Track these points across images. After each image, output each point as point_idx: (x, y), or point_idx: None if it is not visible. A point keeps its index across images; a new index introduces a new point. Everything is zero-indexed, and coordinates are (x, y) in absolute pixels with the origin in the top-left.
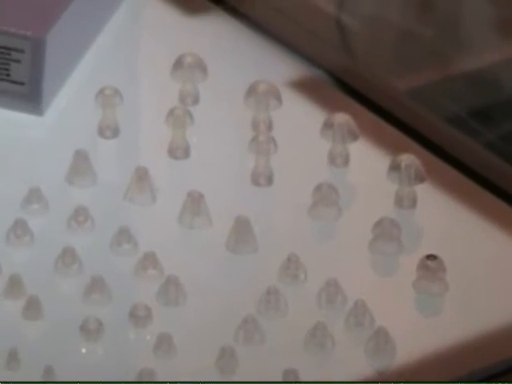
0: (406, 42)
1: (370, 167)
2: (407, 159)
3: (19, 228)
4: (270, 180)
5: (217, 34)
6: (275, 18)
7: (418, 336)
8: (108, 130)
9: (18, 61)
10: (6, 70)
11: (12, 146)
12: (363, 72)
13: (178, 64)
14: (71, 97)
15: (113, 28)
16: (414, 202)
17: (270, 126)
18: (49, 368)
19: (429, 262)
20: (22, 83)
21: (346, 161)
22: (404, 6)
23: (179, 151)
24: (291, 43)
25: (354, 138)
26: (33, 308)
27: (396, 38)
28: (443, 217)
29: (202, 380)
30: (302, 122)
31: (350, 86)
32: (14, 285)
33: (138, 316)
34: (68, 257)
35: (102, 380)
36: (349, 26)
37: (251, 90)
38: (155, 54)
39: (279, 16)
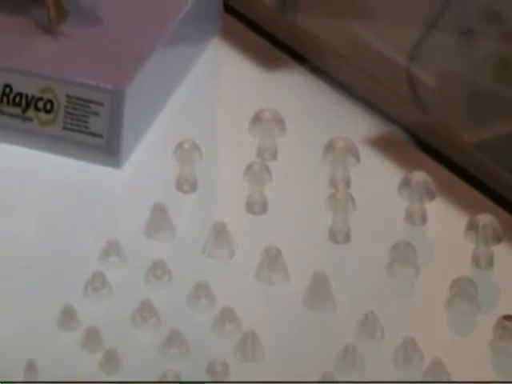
0: (479, 96)
1: (447, 226)
2: (485, 218)
3: (97, 280)
4: (347, 237)
5: (295, 90)
6: (352, 73)
7: None
8: (186, 184)
9: (96, 113)
10: (85, 122)
11: (90, 198)
12: (435, 126)
13: (257, 119)
14: (149, 150)
15: (191, 82)
16: (491, 262)
17: (347, 183)
18: None
19: (506, 323)
20: (100, 136)
21: (424, 219)
22: (478, 61)
23: (257, 206)
24: (368, 99)
25: (432, 196)
26: (110, 361)
27: (469, 92)
28: None
29: None
30: (380, 180)
31: (425, 141)
32: (92, 337)
33: (216, 371)
34: (146, 310)
35: None
36: (419, 78)
37: (329, 147)
38: (233, 108)
39: (356, 72)
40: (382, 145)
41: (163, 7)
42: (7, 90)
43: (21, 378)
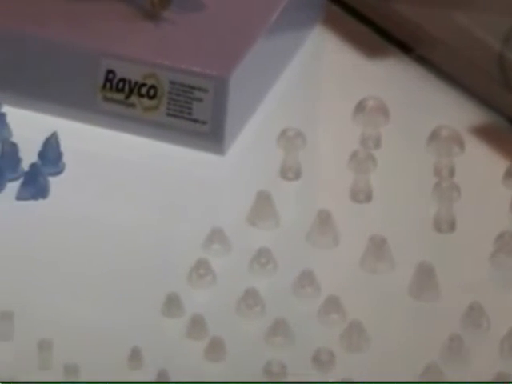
0: None
1: None
2: None
3: (202, 268)
4: (452, 226)
5: (398, 78)
6: (456, 62)
7: None
8: (290, 172)
9: (200, 100)
10: (189, 108)
11: (194, 185)
12: None
13: (360, 107)
14: (253, 137)
15: (294, 69)
16: None
17: (452, 172)
18: None
19: None
20: (204, 122)
21: None
22: None
23: (361, 195)
24: (472, 88)
25: None
26: (215, 349)
27: None
28: None
29: None
30: (484, 169)
31: None
32: (197, 325)
33: (321, 360)
34: (250, 298)
35: None
36: None
37: (433, 136)
38: (337, 96)
39: (460, 61)
40: (486, 134)
41: None
42: (110, 76)
43: (125, 366)
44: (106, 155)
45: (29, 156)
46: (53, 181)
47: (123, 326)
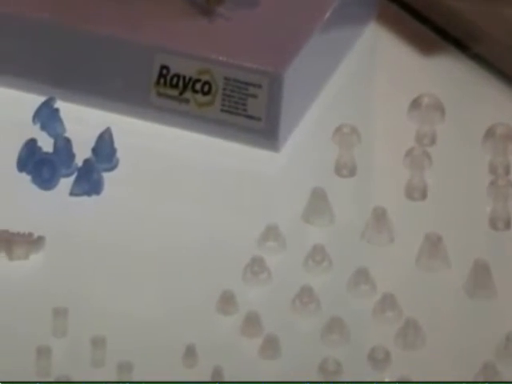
0: None
1: None
2: None
3: (256, 265)
4: (508, 224)
5: (453, 76)
6: (511, 59)
7: None
8: (345, 169)
9: (255, 96)
10: (243, 105)
11: (248, 181)
12: None
13: (416, 104)
14: (307, 134)
15: (349, 65)
16: None
17: (507, 170)
18: None
19: None
20: (258, 119)
21: None
22: None
23: (417, 192)
24: None
25: None
26: (270, 347)
27: None
28: None
29: None
30: None
31: None
32: (252, 322)
33: (377, 359)
34: (305, 296)
35: None
36: None
37: (489, 133)
38: (391, 92)
39: None
40: None
41: None
42: (164, 72)
43: (180, 364)
44: (159, 151)
45: (82, 152)
46: (106, 176)
47: (178, 323)
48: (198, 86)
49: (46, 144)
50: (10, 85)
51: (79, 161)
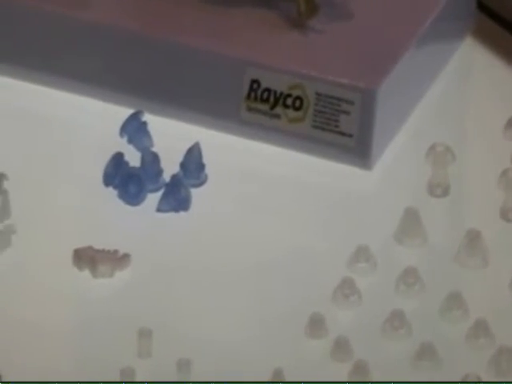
0: None
1: None
2: None
3: (347, 287)
4: None
5: None
6: None
7: None
8: (438, 189)
9: (347, 112)
10: (335, 121)
11: (339, 199)
12: None
13: None
14: (400, 152)
15: (443, 82)
16: None
17: None
18: None
19: None
20: (350, 135)
21: None
22: None
23: None
24: None
25: None
26: (359, 372)
27: None
28: None
29: None
30: None
31: None
32: (341, 347)
33: None
34: (396, 320)
35: None
36: None
37: None
38: (487, 110)
39: None
40: None
41: (416, 5)
42: (255, 86)
43: None
44: (248, 167)
45: (170, 167)
46: (194, 192)
47: (265, 346)
48: (289, 101)
49: (133, 158)
50: (98, 96)
51: (167, 176)
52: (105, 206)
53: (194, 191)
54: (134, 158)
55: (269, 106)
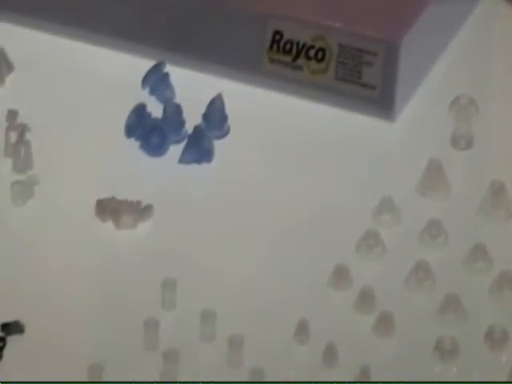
0: None
1: None
2: None
3: (371, 239)
4: None
5: None
6: None
7: None
8: (462, 141)
9: (370, 64)
10: (358, 72)
11: (361, 151)
12: None
13: None
14: (423, 104)
15: (465, 34)
16: None
17: None
18: None
19: None
20: (373, 87)
21: None
22: None
23: None
24: None
25: None
26: (384, 324)
27: None
28: None
29: None
30: None
31: None
32: (366, 298)
33: (494, 338)
34: (421, 272)
35: None
36: None
37: None
38: (510, 62)
39: None
40: None
41: None
42: (277, 37)
43: (292, 339)
44: (271, 118)
45: (192, 118)
46: (217, 144)
47: (290, 297)
48: (311, 53)
49: (156, 109)
50: (120, 48)
51: (189, 127)
52: (127, 158)
53: (216, 143)
54: (156, 109)
55: (291, 57)
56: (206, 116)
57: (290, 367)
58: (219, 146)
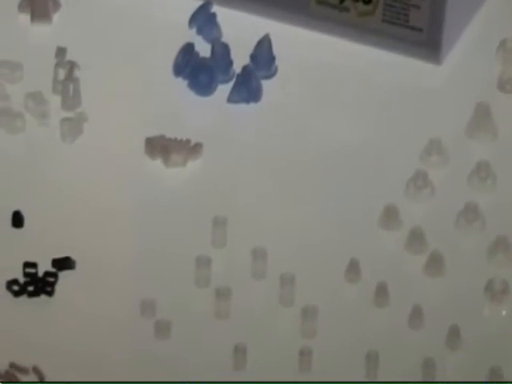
0: None
1: None
2: None
3: (420, 179)
4: None
5: None
6: None
7: None
8: (508, 84)
9: (417, 6)
10: (405, 15)
11: (409, 93)
12: None
13: None
14: (470, 46)
15: None
16: None
17: None
18: (454, 327)
19: None
20: (420, 30)
21: None
22: None
23: None
24: None
25: None
26: (434, 264)
27: None
28: None
29: None
30: None
31: None
32: (416, 239)
33: None
34: (470, 213)
35: None
36: None
37: None
38: None
39: None
40: None
41: None
42: None
43: (343, 278)
44: (318, 60)
45: (240, 58)
46: (265, 84)
47: (340, 236)
48: None
49: (203, 49)
50: None
51: (237, 67)
52: (175, 96)
53: (264, 83)
54: (203, 49)
55: None
56: (253, 56)
57: (341, 306)
58: (267, 85)
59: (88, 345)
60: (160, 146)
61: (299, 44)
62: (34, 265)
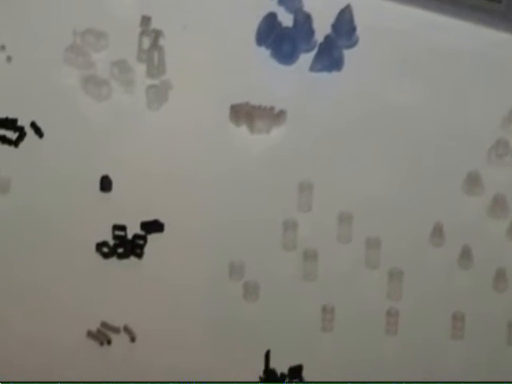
0: None
1: None
2: None
3: (501, 147)
4: None
5: None
6: None
7: None
8: None
9: None
10: None
11: (488, 64)
12: None
13: None
14: None
15: None
16: None
17: None
18: None
19: None
20: (498, 1)
21: None
22: None
23: None
24: None
25: None
26: None
27: None
28: None
29: None
30: None
31: None
32: (499, 204)
33: None
34: None
35: None
36: None
37: None
38: None
39: None
40: None
41: None
42: None
43: (427, 242)
44: (399, 31)
45: (321, 28)
46: (346, 53)
47: (424, 201)
48: None
49: (285, 19)
50: None
51: (319, 37)
52: (258, 65)
53: (345, 52)
54: (286, 19)
55: None
56: (335, 26)
57: (426, 269)
58: (348, 55)
59: (176, 306)
60: (244, 113)
61: (380, 15)
62: (123, 228)
